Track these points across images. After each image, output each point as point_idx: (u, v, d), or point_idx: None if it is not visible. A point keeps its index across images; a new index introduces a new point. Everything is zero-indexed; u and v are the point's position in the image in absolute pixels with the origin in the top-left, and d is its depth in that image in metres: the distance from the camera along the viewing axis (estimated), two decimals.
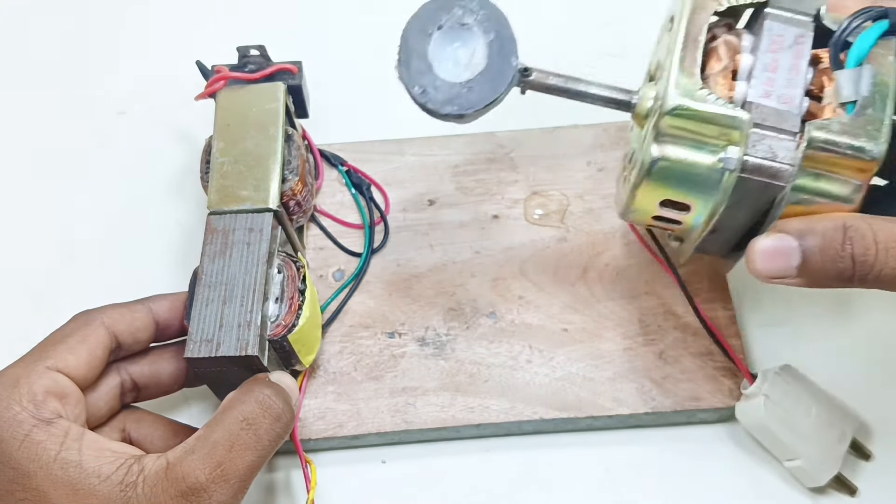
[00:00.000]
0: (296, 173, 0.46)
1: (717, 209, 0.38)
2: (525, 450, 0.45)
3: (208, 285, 0.42)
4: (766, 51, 0.38)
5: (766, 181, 0.37)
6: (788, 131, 0.37)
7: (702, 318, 0.46)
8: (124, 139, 0.56)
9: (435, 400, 0.45)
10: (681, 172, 0.38)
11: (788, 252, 0.36)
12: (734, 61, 0.39)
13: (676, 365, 0.45)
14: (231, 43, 0.49)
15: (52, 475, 0.35)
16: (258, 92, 0.47)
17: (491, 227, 0.50)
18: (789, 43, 0.38)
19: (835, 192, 0.37)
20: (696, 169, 0.37)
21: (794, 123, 0.37)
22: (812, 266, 0.35)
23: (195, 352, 0.40)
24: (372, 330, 0.47)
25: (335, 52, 0.59)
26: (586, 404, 0.45)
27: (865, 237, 0.35)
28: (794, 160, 0.36)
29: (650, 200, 0.39)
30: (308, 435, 0.44)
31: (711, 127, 0.37)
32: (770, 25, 0.39)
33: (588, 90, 0.41)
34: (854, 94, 0.37)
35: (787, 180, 0.37)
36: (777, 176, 0.37)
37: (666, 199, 0.39)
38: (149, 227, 0.53)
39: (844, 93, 0.37)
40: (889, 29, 0.37)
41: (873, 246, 0.35)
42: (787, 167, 0.37)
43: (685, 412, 0.44)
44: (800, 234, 0.36)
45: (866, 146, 0.36)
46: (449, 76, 0.40)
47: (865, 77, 0.36)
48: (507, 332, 0.47)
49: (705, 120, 0.37)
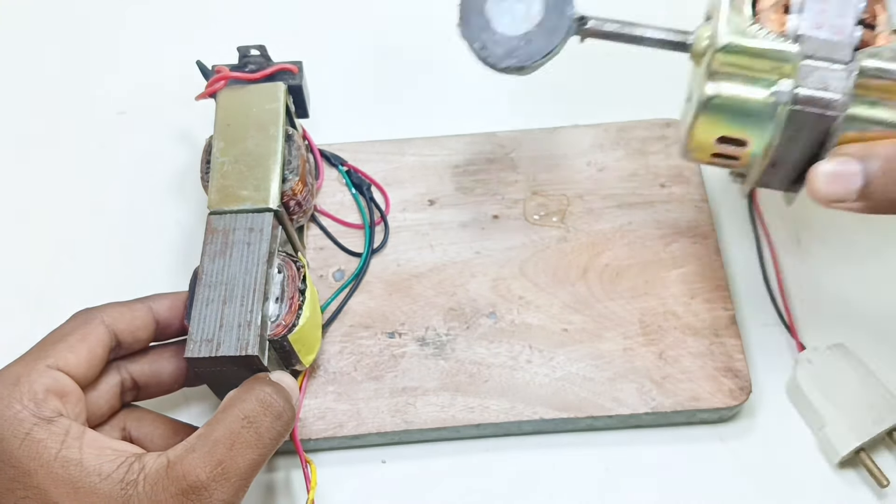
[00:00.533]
0: (296, 173, 0.46)
1: (774, 143, 0.38)
2: (525, 450, 0.45)
3: (208, 285, 0.42)
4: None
5: (819, 112, 0.37)
6: (840, 61, 0.37)
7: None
8: (124, 139, 0.56)
9: (435, 400, 0.45)
10: (735, 108, 0.38)
11: (850, 175, 0.36)
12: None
13: (676, 365, 0.45)
14: (231, 43, 0.49)
15: (53, 473, 0.35)
16: (259, 92, 0.47)
17: (491, 228, 0.50)
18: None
19: (892, 120, 0.37)
20: (750, 104, 0.38)
21: (846, 53, 0.37)
22: (874, 188, 0.35)
23: (195, 351, 0.40)
24: (372, 330, 0.47)
25: (336, 52, 0.59)
26: (586, 404, 0.45)
27: None
28: (846, 90, 0.37)
29: (708, 137, 0.40)
30: (308, 435, 0.44)
31: (763, 61, 0.37)
32: None
33: (645, 34, 0.41)
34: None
35: (840, 110, 0.37)
36: (830, 106, 0.37)
37: (723, 136, 0.39)
38: (149, 227, 0.53)
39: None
40: None
41: None
42: (839, 97, 0.37)
43: (685, 412, 0.44)
44: (862, 157, 0.36)
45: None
46: (507, 30, 0.42)
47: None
48: (508, 332, 0.47)
49: (756, 55, 0.37)
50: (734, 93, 0.38)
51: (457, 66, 0.57)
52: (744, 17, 0.38)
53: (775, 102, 0.38)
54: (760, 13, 0.39)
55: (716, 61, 0.38)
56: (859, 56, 0.37)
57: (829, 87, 0.37)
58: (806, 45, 0.37)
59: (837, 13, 0.38)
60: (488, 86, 0.55)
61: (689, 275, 0.48)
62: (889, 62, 0.36)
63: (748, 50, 0.38)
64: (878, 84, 0.37)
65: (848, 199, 0.36)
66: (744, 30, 0.38)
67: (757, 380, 0.46)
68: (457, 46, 0.58)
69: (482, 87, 0.56)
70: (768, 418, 0.45)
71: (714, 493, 0.44)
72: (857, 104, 0.37)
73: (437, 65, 0.58)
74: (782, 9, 0.39)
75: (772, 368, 0.46)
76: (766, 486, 0.44)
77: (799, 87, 0.37)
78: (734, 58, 0.38)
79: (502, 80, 0.53)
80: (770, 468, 0.44)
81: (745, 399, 0.44)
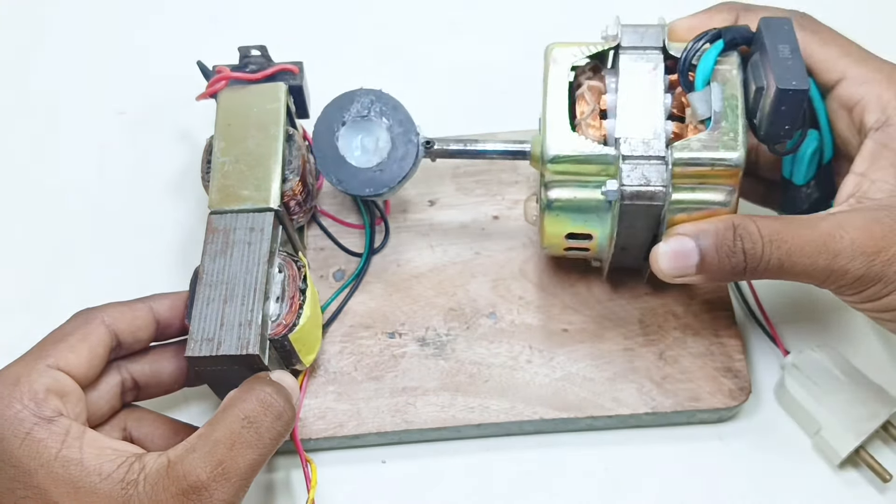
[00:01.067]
0: (296, 173, 0.46)
1: (614, 233, 0.42)
2: (525, 450, 0.45)
3: (209, 284, 0.42)
4: (626, 88, 0.42)
5: (646, 203, 0.40)
6: (656, 157, 0.40)
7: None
8: (124, 139, 0.56)
9: (435, 400, 0.45)
10: (574, 209, 0.42)
11: (687, 252, 0.39)
12: (599, 103, 0.42)
13: (676, 365, 0.45)
14: (232, 43, 0.49)
15: (53, 473, 0.35)
16: (259, 92, 0.47)
17: (491, 228, 0.50)
18: (644, 76, 0.42)
19: (712, 200, 0.40)
20: (587, 204, 0.42)
21: (660, 148, 0.40)
22: (709, 263, 0.39)
23: (196, 350, 0.40)
24: (372, 330, 0.47)
25: (336, 52, 0.59)
26: (586, 404, 0.45)
27: (752, 232, 0.38)
28: (665, 181, 0.40)
29: (558, 235, 0.44)
30: (308, 434, 0.44)
31: (589, 166, 0.41)
32: (624, 64, 0.42)
33: (486, 148, 0.45)
34: (707, 112, 0.40)
35: (664, 199, 0.40)
36: (654, 197, 0.40)
37: (570, 233, 0.43)
38: (149, 227, 0.53)
39: (699, 112, 0.40)
40: (725, 47, 0.40)
41: (759, 239, 0.38)
42: (661, 188, 0.40)
43: (685, 412, 0.44)
44: (695, 235, 0.39)
45: (726, 156, 0.39)
46: (360, 163, 0.45)
47: (715, 94, 0.40)
48: (508, 332, 0.47)
49: (580, 162, 0.41)
50: (570, 196, 0.42)
51: (457, 66, 0.58)
52: (565, 128, 0.41)
53: (607, 199, 0.41)
54: (580, 122, 0.42)
55: (548, 172, 0.41)
56: (673, 149, 0.40)
57: (650, 182, 0.40)
58: (624, 147, 0.40)
59: (647, 114, 0.41)
60: (488, 86, 0.56)
61: None
62: (699, 151, 0.40)
63: (573, 158, 0.41)
64: (692, 171, 0.40)
65: (688, 273, 0.40)
66: (565, 141, 0.41)
67: (756, 380, 0.46)
68: (457, 46, 0.59)
69: (482, 87, 0.56)
70: (768, 418, 0.46)
71: (714, 493, 0.44)
72: (678, 191, 0.40)
73: (438, 65, 0.58)
74: (598, 115, 0.42)
75: (771, 368, 0.46)
76: (765, 486, 0.44)
77: (624, 185, 0.40)
78: (563, 167, 0.41)
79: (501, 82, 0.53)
80: (770, 468, 0.44)
81: (745, 399, 0.44)
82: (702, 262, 0.39)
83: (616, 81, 0.42)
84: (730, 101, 0.40)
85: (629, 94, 0.42)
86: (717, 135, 0.40)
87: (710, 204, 0.40)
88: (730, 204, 0.40)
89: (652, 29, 0.42)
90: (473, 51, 0.58)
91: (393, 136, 0.45)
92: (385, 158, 0.45)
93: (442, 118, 0.52)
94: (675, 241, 0.40)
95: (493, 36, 0.59)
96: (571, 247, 0.44)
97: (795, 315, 0.47)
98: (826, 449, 0.44)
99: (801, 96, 0.38)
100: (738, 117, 0.40)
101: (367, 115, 0.46)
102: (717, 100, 0.40)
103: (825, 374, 0.44)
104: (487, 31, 0.59)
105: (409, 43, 0.59)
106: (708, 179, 0.40)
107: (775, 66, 0.38)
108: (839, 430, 0.43)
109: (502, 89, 0.53)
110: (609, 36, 0.43)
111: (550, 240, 0.44)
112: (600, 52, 0.43)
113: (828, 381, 0.44)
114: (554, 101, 0.42)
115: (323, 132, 0.46)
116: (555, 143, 0.41)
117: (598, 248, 0.44)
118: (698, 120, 0.41)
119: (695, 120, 0.41)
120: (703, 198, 0.40)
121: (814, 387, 0.44)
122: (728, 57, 0.41)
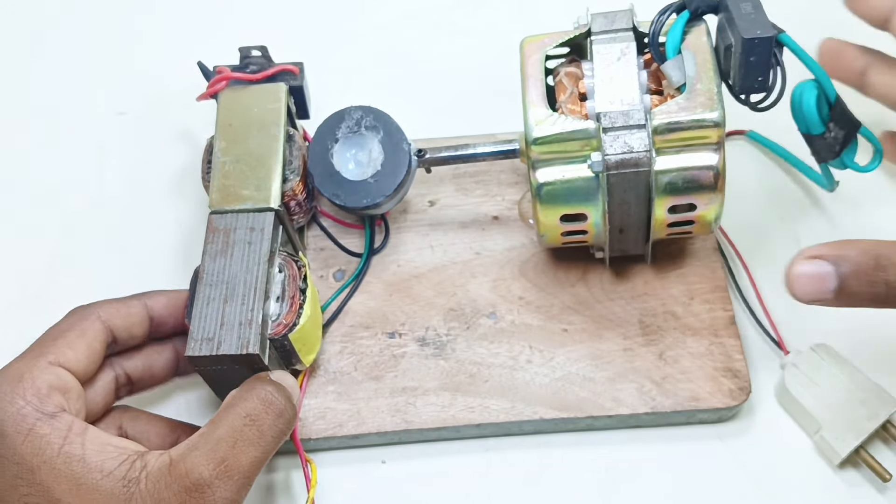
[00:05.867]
0: (297, 173, 0.46)
1: (607, 209, 0.43)
2: (525, 450, 0.45)
3: (210, 284, 0.42)
4: (602, 69, 0.43)
5: (632, 170, 0.41)
6: (636, 125, 0.42)
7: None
8: (125, 139, 0.56)
9: (435, 400, 0.45)
10: (564, 188, 0.43)
11: (825, 276, 0.37)
12: (578, 87, 0.44)
13: (676, 365, 0.45)
14: (233, 44, 0.49)
15: (56, 470, 0.35)
16: (260, 92, 0.47)
17: (491, 228, 0.50)
18: (617, 56, 0.43)
19: (698, 164, 0.42)
20: (575, 181, 0.43)
21: (640, 117, 0.42)
22: (848, 290, 0.37)
23: (196, 350, 0.40)
24: (372, 330, 0.47)
25: (336, 53, 0.59)
26: (586, 404, 0.45)
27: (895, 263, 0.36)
28: (648, 146, 0.41)
29: (552, 220, 0.44)
30: (308, 434, 0.44)
31: (572, 143, 0.42)
32: (597, 49, 0.44)
33: (477, 151, 0.47)
34: (682, 78, 0.42)
35: (649, 165, 0.41)
36: (639, 164, 0.41)
37: (564, 215, 0.44)
38: (149, 227, 0.53)
39: (674, 79, 0.42)
40: (691, 16, 0.42)
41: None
42: (644, 153, 0.41)
43: (685, 412, 0.44)
44: (835, 260, 0.37)
45: (705, 116, 0.41)
46: (355, 177, 0.47)
47: (687, 60, 0.42)
48: (508, 332, 0.47)
49: (563, 139, 0.42)
50: (558, 175, 0.43)
51: (457, 67, 0.58)
52: (544, 111, 0.43)
53: (593, 172, 0.42)
54: (561, 106, 0.44)
55: (533, 153, 0.42)
56: (652, 115, 0.41)
57: (633, 149, 0.41)
58: (605, 120, 0.42)
59: (625, 89, 0.42)
60: (487, 87, 0.56)
61: (687, 275, 0.48)
62: (677, 114, 0.41)
63: (556, 136, 0.42)
64: (675, 136, 0.41)
65: (825, 297, 0.37)
66: (545, 121, 0.42)
67: (756, 380, 0.46)
68: (457, 47, 0.59)
69: (481, 87, 0.56)
70: (768, 418, 0.45)
71: (714, 493, 0.44)
72: (663, 155, 0.42)
73: (437, 66, 0.58)
74: (578, 98, 0.44)
75: (771, 368, 0.46)
76: (765, 486, 0.44)
77: (608, 155, 0.41)
78: (547, 146, 0.42)
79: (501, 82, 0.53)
80: (770, 468, 0.44)
81: (745, 399, 0.44)
82: (840, 288, 0.37)
83: (591, 67, 0.44)
84: (703, 66, 0.42)
85: (605, 75, 0.43)
86: (693, 97, 0.41)
87: (696, 168, 0.42)
88: (716, 165, 0.41)
89: (620, 13, 0.44)
90: (472, 51, 0.58)
91: (385, 148, 0.47)
92: (379, 169, 0.46)
93: (441, 119, 0.52)
94: (812, 266, 0.37)
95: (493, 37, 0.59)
96: (568, 231, 0.45)
97: (795, 315, 0.46)
98: (826, 449, 0.44)
99: (767, 44, 0.40)
100: (713, 79, 0.41)
101: (357, 130, 0.47)
102: (689, 65, 0.42)
103: (825, 374, 0.44)
104: (487, 33, 0.59)
105: (408, 43, 0.59)
106: (691, 141, 0.41)
107: (739, 21, 0.40)
108: (839, 430, 0.43)
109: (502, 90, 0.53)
110: (580, 25, 0.45)
111: (546, 227, 0.44)
112: (572, 39, 0.45)
113: (828, 381, 0.44)
114: (531, 87, 0.43)
115: (317, 151, 0.47)
116: (536, 123, 0.42)
117: (594, 229, 0.44)
118: (674, 87, 0.42)
119: (671, 88, 0.43)
120: (689, 161, 0.42)
121: (814, 387, 0.44)
122: (696, 27, 0.43)
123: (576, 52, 0.46)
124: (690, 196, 0.43)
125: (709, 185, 0.42)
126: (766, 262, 0.49)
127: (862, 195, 0.50)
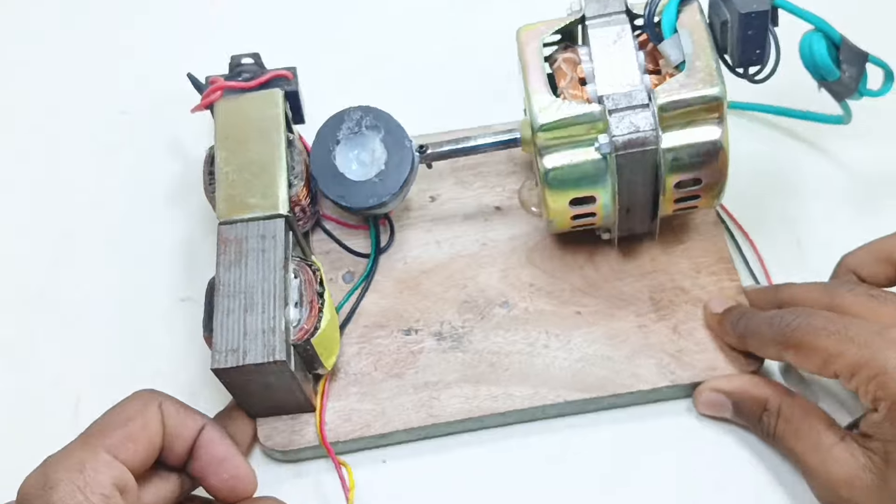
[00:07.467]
0: (300, 178, 0.46)
1: (616, 190, 0.43)
2: (552, 433, 0.45)
3: (227, 295, 0.42)
4: (600, 53, 0.44)
5: (640, 149, 0.42)
6: (640, 105, 0.42)
7: None
8: (126, 138, 0.56)
9: (458, 392, 0.45)
10: (572, 172, 0.44)
11: (723, 404, 0.44)
12: (577, 72, 0.44)
13: (690, 338, 0.46)
14: (222, 51, 0.49)
15: None
16: (256, 99, 0.47)
17: (494, 219, 0.51)
18: (614, 39, 0.44)
19: (704, 139, 0.43)
20: (583, 164, 0.43)
21: (643, 97, 0.42)
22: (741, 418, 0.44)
23: (222, 362, 0.40)
24: (388, 329, 0.47)
25: (328, 56, 0.59)
26: (607, 383, 0.45)
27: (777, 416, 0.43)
28: (654, 125, 0.42)
29: (561, 205, 0.45)
30: (336, 437, 0.44)
31: (578, 127, 0.43)
32: (593, 33, 0.44)
33: (478, 142, 0.47)
34: (680, 56, 0.43)
35: (657, 143, 0.42)
36: (646, 143, 0.42)
37: (573, 199, 0.44)
38: (149, 227, 0.53)
39: (672, 58, 0.43)
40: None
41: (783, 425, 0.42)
42: (651, 132, 0.42)
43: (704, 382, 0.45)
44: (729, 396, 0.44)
45: (707, 92, 0.42)
46: (360, 177, 0.47)
47: (684, 38, 0.42)
48: (522, 319, 0.47)
49: (568, 123, 0.43)
50: (566, 160, 0.43)
51: (449, 65, 0.58)
52: (548, 97, 0.43)
53: (602, 154, 0.43)
54: (562, 92, 0.44)
55: (540, 139, 0.43)
56: (655, 94, 0.42)
57: (640, 128, 0.42)
58: (608, 102, 0.42)
59: (624, 71, 0.43)
60: (480, 82, 0.56)
61: (691, 249, 0.49)
62: (679, 91, 0.42)
63: (562, 121, 0.43)
64: (679, 112, 0.42)
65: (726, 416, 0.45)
66: (549, 107, 0.43)
67: None
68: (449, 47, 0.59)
69: (474, 83, 0.57)
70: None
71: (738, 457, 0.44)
72: (668, 131, 0.42)
73: (431, 64, 0.58)
74: (578, 83, 0.44)
75: None
76: None
77: (615, 136, 0.42)
78: (554, 132, 0.43)
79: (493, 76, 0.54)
80: None
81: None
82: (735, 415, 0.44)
83: (589, 51, 0.44)
84: (699, 43, 0.42)
85: (603, 58, 0.44)
86: (693, 74, 0.42)
87: (701, 143, 0.42)
88: (720, 139, 0.42)
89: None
90: (461, 46, 0.58)
91: (387, 146, 0.47)
92: (383, 168, 0.46)
93: (438, 116, 0.52)
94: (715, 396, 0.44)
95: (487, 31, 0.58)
96: (577, 214, 0.45)
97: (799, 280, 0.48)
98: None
99: (764, 17, 0.40)
100: (711, 55, 0.42)
101: (358, 130, 0.47)
102: (687, 43, 0.42)
103: None
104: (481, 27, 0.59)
105: (395, 43, 0.59)
106: (695, 116, 0.42)
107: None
108: None
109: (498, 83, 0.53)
110: (573, 12, 0.45)
111: (555, 212, 0.45)
112: (567, 26, 0.45)
113: None
114: (533, 75, 0.44)
115: (319, 154, 0.47)
116: (541, 110, 0.43)
117: (603, 211, 0.45)
118: (673, 66, 0.43)
119: (670, 67, 0.43)
120: (693, 136, 0.42)
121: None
122: (689, 5, 0.43)
123: (567, 39, 0.47)
124: (696, 171, 0.43)
125: (713, 159, 0.43)
126: (765, 230, 0.50)
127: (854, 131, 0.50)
